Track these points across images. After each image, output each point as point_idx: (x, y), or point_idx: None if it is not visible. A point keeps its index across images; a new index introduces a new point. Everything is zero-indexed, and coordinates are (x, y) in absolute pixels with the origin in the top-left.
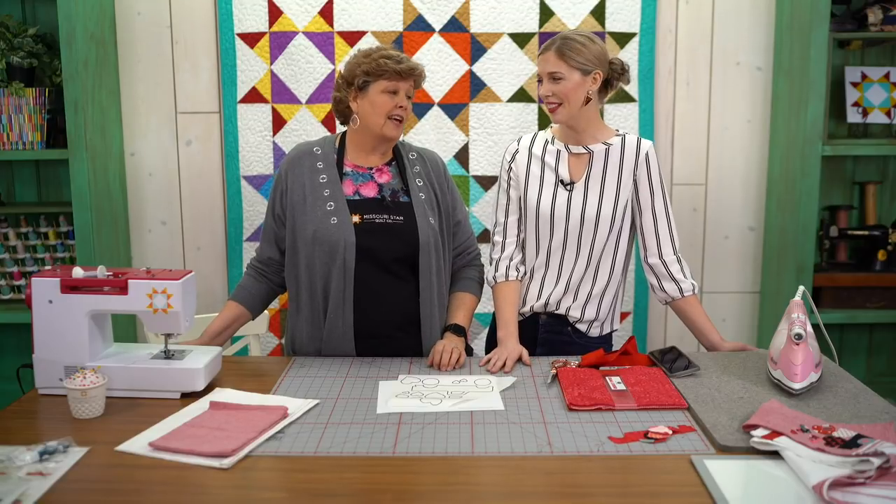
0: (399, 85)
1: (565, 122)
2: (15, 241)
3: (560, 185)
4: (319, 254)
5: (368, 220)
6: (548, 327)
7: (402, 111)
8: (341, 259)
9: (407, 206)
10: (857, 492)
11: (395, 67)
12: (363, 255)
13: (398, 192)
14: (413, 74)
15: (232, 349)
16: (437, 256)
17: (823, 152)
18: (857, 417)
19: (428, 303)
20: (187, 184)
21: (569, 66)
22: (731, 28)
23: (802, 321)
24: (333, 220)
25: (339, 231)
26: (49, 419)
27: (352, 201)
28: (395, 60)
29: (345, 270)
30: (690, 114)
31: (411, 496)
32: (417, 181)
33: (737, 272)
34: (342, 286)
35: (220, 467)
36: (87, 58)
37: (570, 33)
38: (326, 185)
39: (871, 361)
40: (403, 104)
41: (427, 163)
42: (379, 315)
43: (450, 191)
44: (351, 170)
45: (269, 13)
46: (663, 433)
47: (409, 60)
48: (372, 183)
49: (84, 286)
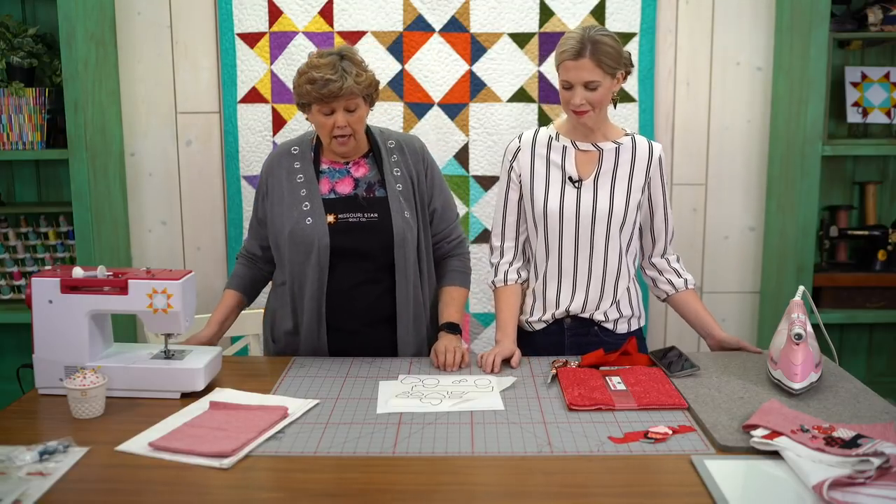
0: (332, 106)
1: (592, 126)
2: (15, 241)
3: (568, 182)
4: (295, 253)
5: (342, 220)
6: (574, 330)
7: (343, 129)
8: (315, 258)
9: (382, 201)
10: (856, 492)
11: (315, 94)
12: (338, 254)
13: (374, 185)
14: (339, 97)
15: (232, 349)
16: (415, 250)
17: (823, 152)
18: (857, 417)
19: (404, 299)
20: (187, 184)
21: (604, 73)
22: (731, 28)
23: (802, 321)
24: (308, 220)
25: (314, 231)
26: (49, 419)
27: (327, 200)
28: (318, 85)
29: (319, 270)
30: (690, 114)
31: (411, 496)
32: (395, 171)
33: (737, 272)
34: (317, 284)
35: (220, 467)
36: (87, 58)
37: (596, 34)
38: (303, 185)
39: (871, 361)
40: (341, 123)
41: (405, 150)
42: (354, 312)
43: (428, 177)
44: (327, 167)
45: (269, 13)
46: (663, 433)
47: (336, 80)
48: (348, 178)
49: (84, 286)
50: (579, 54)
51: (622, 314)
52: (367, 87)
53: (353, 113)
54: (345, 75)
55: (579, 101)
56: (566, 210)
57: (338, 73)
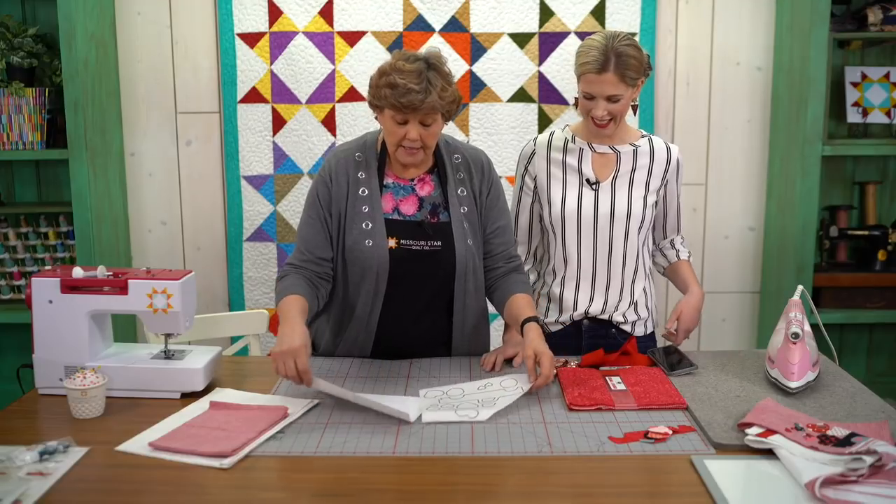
0: (407, 116)
1: (611, 135)
2: (15, 241)
3: (585, 185)
4: (351, 272)
5: (405, 247)
6: (591, 332)
7: (414, 143)
8: (373, 282)
9: (446, 227)
10: (849, 489)
11: (394, 101)
12: (395, 280)
13: (438, 207)
14: (418, 110)
15: (232, 349)
16: (475, 278)
17: (823, 152)
18: (853, 416)
19: (460, 326)
20: (187, 184)
21: (627, 86)
22: (731, 28)
23: (800, 320)
24: (369, 242)
25: (374, 254)
26: (49, 419)
27: (390, 221)
28: (398, 92)
29: (375, 294)
30: (690, 114)
31: (411, 496)
32: (460, 191)
33: (737, 272)
34: (369, 308)
35: (220, 467)
36: (87, 58)
37: (620, 46)
38: (366, 200)
39: (870, 361)
40: (413, 136)
41: (472, 167)
42: (407, 337)
43: (492, 196)
44: (392, 182)
45: (269, 13)
46: (663, 433)
47: (420, 93)
48: (413, 197)
49: (84, 286)
50: (603, 68)
51: (640, 316)
52: (450, 104)
53: (428, 128)
54: (429, 88)
55: (601, 114)
56: (584, 212)
57: (422, 84)
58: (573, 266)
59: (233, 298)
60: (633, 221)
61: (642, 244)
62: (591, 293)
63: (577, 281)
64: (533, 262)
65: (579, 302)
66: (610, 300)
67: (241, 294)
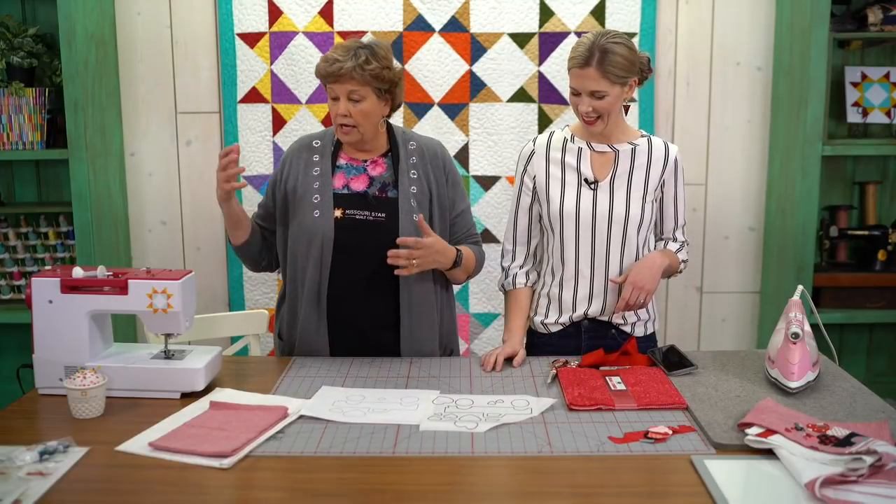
0: (335, 89)
1: (601, 133)
2: (15, 241)
3: (584, 184)
4: (300, 246)
5: (349, 216)
6: (591, 333)
7: (346, 119)
8: (318, 252)
9: (393, 202)
10: (848, 489)
11: (322, 70)
12: (341, 250)
13: (388, 185)
14: (339, 78)
15: (232, 349)
16: None
17: (823, 152)
18: (853, 416)
19: (407, 302)
20: (187, 184)
21: (611, 83)
22: (731, 28)
23: (800, 320)
24: (316, 213)
25: (320, 225)
26: (49, 419)
27: (338, 195)
28: (327, 63)
29: (321, 264)
30: (690, 114)
31: (411, 496)
32: (411, 173)
33: (737, 272)
34: (318, 279)
35: (220, 467)
36: (87, 58)
37: (606, 42)
38: (317, 178)
39: (870, 361)
40: (342, 111)
41: (426, 154)
42: (356, 312)
43: (450, 184)
44: (345, 163)
45: (269, 13)
46: (663, 433)
47: (342, 62)
48: (364, 176)
49: (84, 286)
50: (586, 63)
51: (640, 317)
52: (375, 79)
53: (356, 103)
54: (353, 59)
55: (586, 109)
56: (582, 212)
57: (347, 55)
58: (571, 266)
59: (233, 298)
60: (630, 221)
61: (642, 244)
62: (589, 294)
63: (576, 281)
64: (532, 262)
65: (578, 303)
66: (609, 301)
67: (241, 294)
